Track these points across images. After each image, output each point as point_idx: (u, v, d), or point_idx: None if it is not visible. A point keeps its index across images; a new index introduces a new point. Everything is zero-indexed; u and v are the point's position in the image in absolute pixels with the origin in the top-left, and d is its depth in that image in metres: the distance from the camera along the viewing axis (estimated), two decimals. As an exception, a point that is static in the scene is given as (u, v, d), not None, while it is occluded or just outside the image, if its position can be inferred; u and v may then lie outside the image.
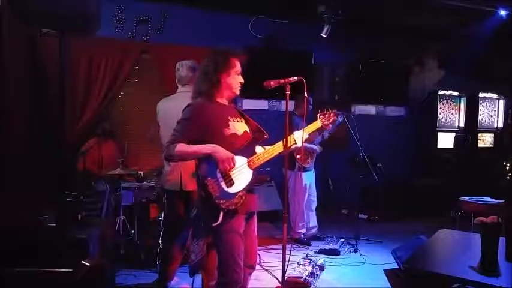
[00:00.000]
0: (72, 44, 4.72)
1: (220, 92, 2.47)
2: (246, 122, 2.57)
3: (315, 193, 5.05)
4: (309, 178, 4.97)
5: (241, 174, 2.37)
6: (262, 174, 2.52)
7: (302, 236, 4.97)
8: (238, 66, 2.49)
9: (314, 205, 5.05)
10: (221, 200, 2.28)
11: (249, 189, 2.40)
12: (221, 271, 2.39)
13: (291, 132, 2.56)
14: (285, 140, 2.48)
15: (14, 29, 3.53)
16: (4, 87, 3.37)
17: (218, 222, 2.27)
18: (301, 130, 2.56)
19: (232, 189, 2.32)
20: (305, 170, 4.89)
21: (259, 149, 2.50)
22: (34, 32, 4.38)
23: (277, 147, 2.49)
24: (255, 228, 2.61)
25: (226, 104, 2.53)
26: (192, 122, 2.36)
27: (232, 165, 2.31)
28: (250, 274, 2.64)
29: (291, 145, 2.54)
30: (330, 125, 2.74)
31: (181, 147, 2.31)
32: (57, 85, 2.55)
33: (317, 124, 2.69)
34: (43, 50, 4.56)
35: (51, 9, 2.30)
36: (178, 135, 2.34)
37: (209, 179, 2.29)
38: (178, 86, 3.38)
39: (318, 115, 2.70)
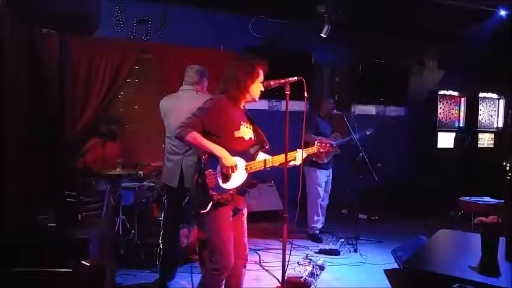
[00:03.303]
0: (72, 44, 4.72)
1: (244, 97, 2.64)
2: (254, 130, 2.73)
3: (328, 192, 5.18)
4: (324, 176, 5.03)
5: (237, 175, 2.55)
6: (254, 180, 2.65)
7: (317, 232, 5.03)
8: (262, 75, 2.65)
9: (324, 203, 5.17)
10: (214, 192, 2.47)
11: (240, 189, 2.58)
12: (210, 257, 2.56)
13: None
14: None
15: (14, 29, 3.52)
16: (4, 87, 3.36)
17: (206, 211, 2.47)
18: (301, 151, 2.76)
19: (226, 186, 2.52)
20: (321, 167, 4.94)
21: (260, 156, 2.71)
22: (34, 32, 4.38)
23: (276, 160, 2.68)
24: (245, 222, 2.76)
25: (243, 108, 2.71)
26: (210, 114, 2.53)
27: (234, 171, 2.51)
28: (244, 266, 2.75)
29: (290, 160, 2.68)
30: (323, 153, 3.01)
31: (196, 135, 2.49)
32: (57, 85, 2.55)
33: (313, 149, 2.89)
34: (43, 50, 4.55)
35: (51, 9, 2.30)
36: (194, 120, 2.51)
37: (210, 170, 2.48)
38: (183, 84, 3.42)
39: (316, 142, 2.91)
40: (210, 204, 2.46)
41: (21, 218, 3.42)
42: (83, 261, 2.64)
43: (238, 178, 2.56)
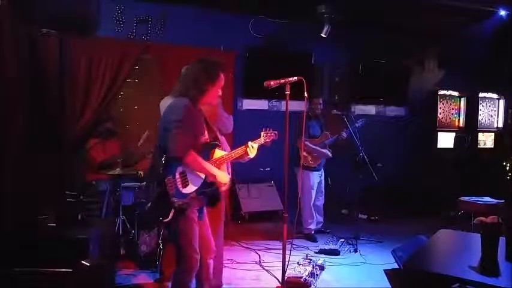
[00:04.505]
0: (72, 44, 4.71)
1: (204, 100, 2.59)
2: (207, 128, 2.69)
3: (323, 191, 5.19)
4: (316, 177, 5.04)
5: (196, 178, 2.55)
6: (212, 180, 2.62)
7: (312, 232, 5.06)
8: (223, 80, 2.60)
9: (319, 202, 5.18)
10: (175, 199, 2.44)
11: (200, 191, 2.56)
12: (179, 258, 2.55)
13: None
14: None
15: (14, 29, 3.52)
16: (4, 87, 3.36)
17: (168, 219, 2.43)
18: (254, 142, 2.76)
19: (185, 190, 2.50)
20: (313, 169, 4.95)
21: (218, 153, 2.68)
22: (34, 32, 4.38)
23: (228, 157, 2.68)
24: (205, 216, 2.76)
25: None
26: (191, 123, 2.48)
27: (228, 187, 2.61)
28: (211, 259, 2.77)
29: (238, 157, 2.72)
30: (269, 143, 2.89)
31: (194, 157, 2.45)
32: (57, 85, 2.55)
33: (260, 141, 2.84)
34: (43, 50, 4.55)
35: (51, 9, 2.30)
36: (187, 136, 2.43)
37: (169, 178, 2.43)
38: None
39: (262, 132, 2.86)
40: (172, 211, 2.43)
41: (21, 218, 3.42)
42: (83, 261, 2.64)
43: (197, 181, 2.54)
